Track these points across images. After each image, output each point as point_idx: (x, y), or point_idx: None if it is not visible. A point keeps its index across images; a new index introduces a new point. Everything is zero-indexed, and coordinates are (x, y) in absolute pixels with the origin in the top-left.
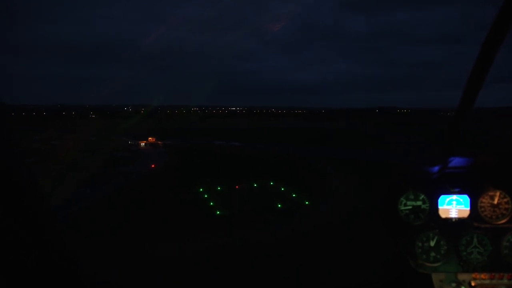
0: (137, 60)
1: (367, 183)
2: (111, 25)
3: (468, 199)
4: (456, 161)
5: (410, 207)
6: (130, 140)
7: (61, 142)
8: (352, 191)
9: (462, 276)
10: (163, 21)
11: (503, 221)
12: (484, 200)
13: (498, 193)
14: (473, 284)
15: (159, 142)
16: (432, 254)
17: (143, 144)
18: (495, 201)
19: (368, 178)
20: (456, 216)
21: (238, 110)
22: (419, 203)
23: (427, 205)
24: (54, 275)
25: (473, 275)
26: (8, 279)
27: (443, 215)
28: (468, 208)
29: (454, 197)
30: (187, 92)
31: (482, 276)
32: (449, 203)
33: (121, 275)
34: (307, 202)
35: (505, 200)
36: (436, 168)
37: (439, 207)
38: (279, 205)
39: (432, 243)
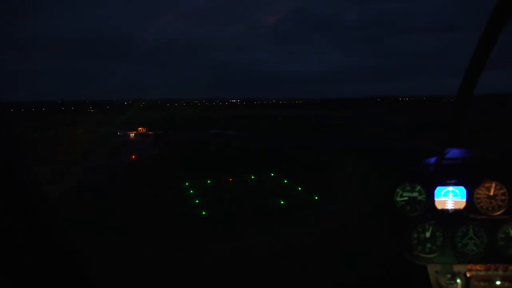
0: (136, 54)
1: (381, 173)
2: (110, 19)
3: (465, 191)
4: (453, 153)
5: (406, 198)
6: (119, 131)
7: (43, 135)
8: (366, 183)
9: (457, 267)
10: (160, 14)
11: (499, 212)
12: (480, 192)
13: (494, 184)
14: (468, 275)
15: (149, 132)
16: (428, 245)
17: (132, 134)
18: (491, 193)
19: (381, 168)
20: (452, 207)
21: (238, 102)
22: (415, 194)
23: (423, 196)
24: (55, 276)
25: (469, 267)
26: (9, 280)
27: (439, 206)
28: (465, 200)
29: (451, 188)
30: (184, 85)
31: (478, 267)
32: (446, 194)
33: None
34: (316, 197)
35: (501, 191)
36: (433, 160)
37: (436, 198)
38: (282, 202)
39: (427, 234)
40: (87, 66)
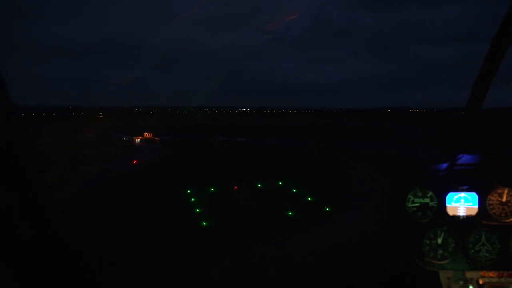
0: (146, 60)
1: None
2: (118, 25)
3: (477, 197)
4: (464, 158)
5: (418, 204)
6: (125, 136)
7: (49, 138)
8: (379, 192)
9: (470, 274)
10: (171, 20)
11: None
12: (492, 198)
13: (506, 191)
14: (481, 282)
15: (155, 138)
16: (440, 251)
17: (138, 140)
18: (504, 199)
19: (393, 174)
20: (464, 213)
21: (248, 110)
22: (426, 200)
23: (435, 202)
24: (59, 271)
25: (481, 273)
26: (15, 279)
27: (451, 212)
28: (477, 206)
29: (462, 194)
30: (195, 92)
31: (490, 274)
32: (457, 200)
33: None
34: (327, 209)
35: None
36: (444, 165)
37: (447, 204)
38: (290, 213)
39: (439, 241)
40: (98, 72)
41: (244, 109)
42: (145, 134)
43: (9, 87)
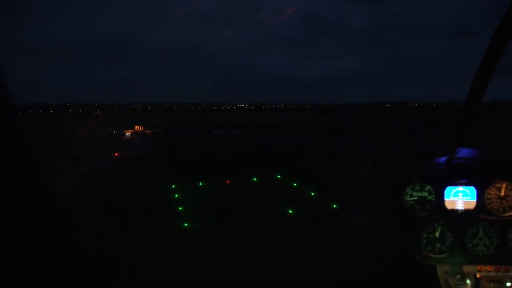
0: (145, 58)
1: (390, 173)
2: (116, 25)
3: (475, 191)
4: (463, 152)
5: (416, 198)
6: (115, 130)
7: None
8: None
9: (467, 268)
10: (164, 19)
11: (510, 213)
12: (491, 192)
13: (505, 185)
14: (478, 276)
15: (147, 131)
16: (437, 245)
17: (129, 133)
18: (502, 193)
19: (392, 167)
20: (462, 207)
21: (246, 106)
22: (425, 194)
23: (433, 196)
24: (60, 271)
25: (479, 267)
26: (13, 275)
27: (449, 206)
28: (475, 200)
29: (461, 188)
30: (191, 89)
31: (488, 268)
32: (456, 194)
33: None
34: (334, 205)
35: None
36: (443, 159)
37: (445, 198)
38: (290, 211)
39: (437, 234)
40: (95, 71)
41: (240, 105)
42: (136, 127)
43: (9, 87)
